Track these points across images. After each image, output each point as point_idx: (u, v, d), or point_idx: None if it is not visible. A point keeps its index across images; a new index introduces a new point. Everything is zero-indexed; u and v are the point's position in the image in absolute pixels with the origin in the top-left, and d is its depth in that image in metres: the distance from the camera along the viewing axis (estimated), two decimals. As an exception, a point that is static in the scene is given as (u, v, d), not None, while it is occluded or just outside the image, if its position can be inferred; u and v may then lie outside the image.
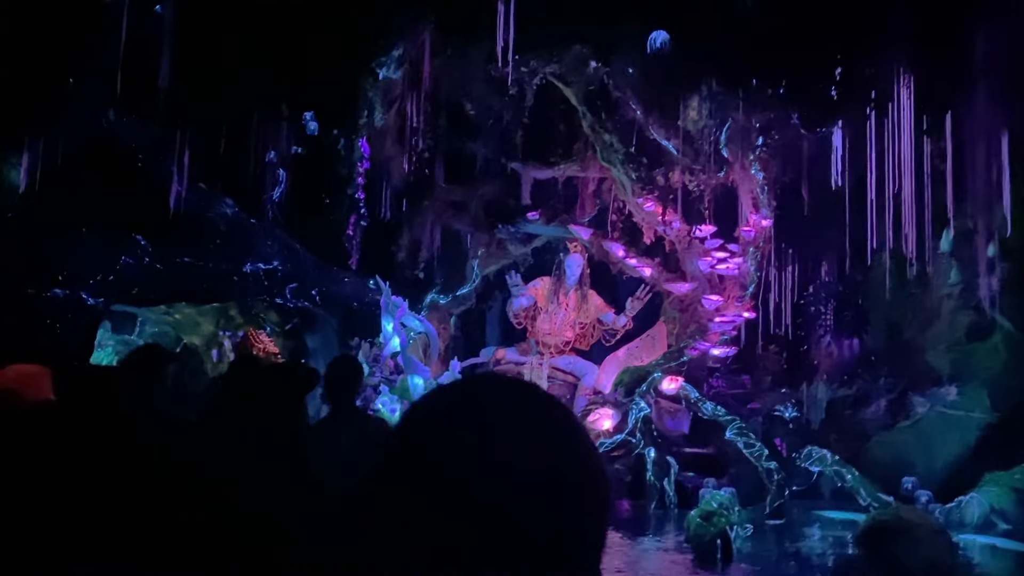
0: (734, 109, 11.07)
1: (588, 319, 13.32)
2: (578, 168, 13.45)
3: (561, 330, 13.20)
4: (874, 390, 12.66)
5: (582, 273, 13.37)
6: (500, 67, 11.18)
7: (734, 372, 12.61)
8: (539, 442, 0.90)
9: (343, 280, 14.16)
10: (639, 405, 10.89)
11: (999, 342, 11.47)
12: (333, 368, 5.02)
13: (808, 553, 8.95)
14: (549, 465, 0.89)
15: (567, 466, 0.90)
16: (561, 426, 0.94)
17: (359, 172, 13.06)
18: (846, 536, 9.79)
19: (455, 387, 0.98)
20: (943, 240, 12.14)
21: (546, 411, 0.94)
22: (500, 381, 0.98)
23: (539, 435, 0.91)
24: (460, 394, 0.97)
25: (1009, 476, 9.81)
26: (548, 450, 0.90)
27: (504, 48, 9.70)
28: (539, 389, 0.99)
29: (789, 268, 14.36)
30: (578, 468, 0.91)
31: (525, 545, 0.86)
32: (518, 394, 0.96)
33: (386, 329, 12.78)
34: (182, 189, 11.84)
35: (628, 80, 11.17)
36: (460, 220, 14.02)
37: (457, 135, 13.28)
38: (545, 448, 0.90)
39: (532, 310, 13.41)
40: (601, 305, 13.47)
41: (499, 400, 0.94)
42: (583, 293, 13.32)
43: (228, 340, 14.82)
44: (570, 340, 13.20)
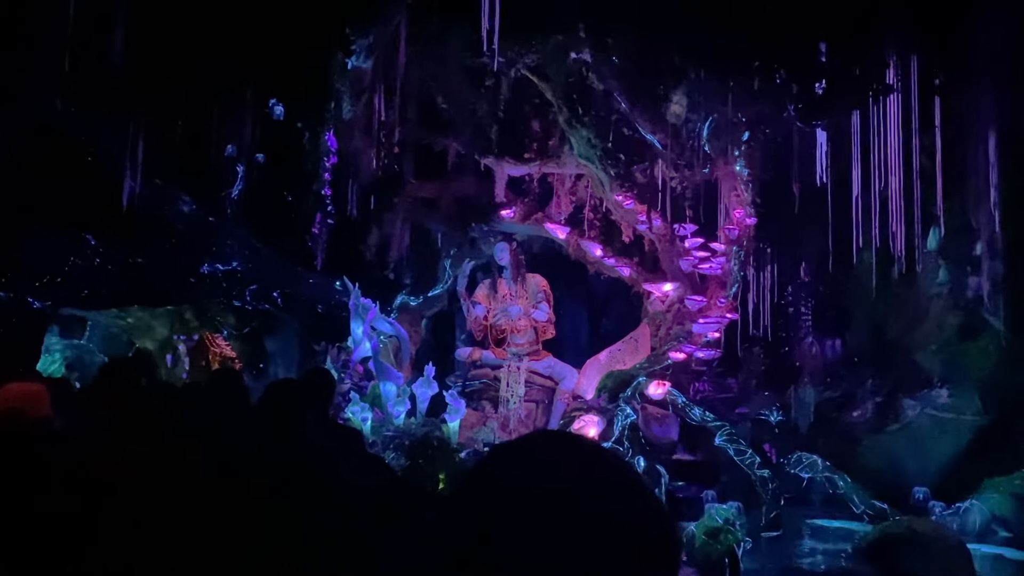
0: (722, 102, 10.63)
1: (535, 301, 12.84)
2: (554, 164, 12.94)
3: (516, 322, 12.71)
4: (860, 392, 12.36)
5: (513, 259, 12.84)
6: (478, 56, 10.62)
7: (720, 375, 12.23)
8: (609, 505, 0.90)
9: (307, 281, 13.63)
10: (625, 411, 10.42)
11: (989, 343, 11.22)
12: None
13: (813, 567, 8.54)
14: (620, 527, 0.89)
15: (638, 528, 0.90)
16: (630, 487, 0.94)
17: (325, 167, 12.45)
18: (847, 548, 9.43)
19: (521, 447, 1.00)
20: (930, 238, 11.88)
21: (616, 474, 0.95)
22: (570, 441, 1.00)
23: (610, 498, 0.91)
24: (529, 456, 0.96)
25: (1009, 482, 9.52)
26: (619, 513, 0.90)
27: (489, 32, 9.11)
28: (604, 450, 1.00)
29: (770, 267, 14.07)
30: (647, 530, 0.91)
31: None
32: (589, 456, 0.96)
33: (355, 333, 12.17)
34: (136, 185, 11.23)
35: (613, 70, 10.67)
36: (431, 218, 13.46)
37: (429, 129, 12.70)
38: (616, 511, 0.90)
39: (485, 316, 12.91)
40: (542, 283, 13.00)
41: (570, 462, 0.94)
42: (521, 277, 12.82)
43: (183, 344, 14.30)
44: (529, 327, 12.67)
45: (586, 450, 0.97)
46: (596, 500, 0.90)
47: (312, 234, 12.87)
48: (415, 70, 11.57)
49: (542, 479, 0.91)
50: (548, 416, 12.13)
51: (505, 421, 11.98)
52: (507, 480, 0.94)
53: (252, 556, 2.21)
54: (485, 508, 0.92)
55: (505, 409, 12.09)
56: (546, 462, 0.94)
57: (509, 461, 0.97)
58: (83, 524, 2.23)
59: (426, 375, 11.48)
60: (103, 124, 10.76)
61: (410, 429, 11.02)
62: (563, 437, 1.02)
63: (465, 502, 0.94)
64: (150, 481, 2.31)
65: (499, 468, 0.97)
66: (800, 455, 10.85)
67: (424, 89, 12.17)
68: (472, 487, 0.95)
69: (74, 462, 2.60)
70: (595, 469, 0.94)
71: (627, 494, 0.93)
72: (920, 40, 10.38)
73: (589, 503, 0.90)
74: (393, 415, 11.21)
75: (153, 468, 2.39)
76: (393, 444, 10.71)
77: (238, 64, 11.00)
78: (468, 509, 0.93)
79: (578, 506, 0.89)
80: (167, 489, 2.27)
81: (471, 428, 11.58)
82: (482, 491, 0.94)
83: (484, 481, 0.96)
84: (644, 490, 0.95)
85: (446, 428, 10.99)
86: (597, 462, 0.95)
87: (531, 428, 12.20)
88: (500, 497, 0.91)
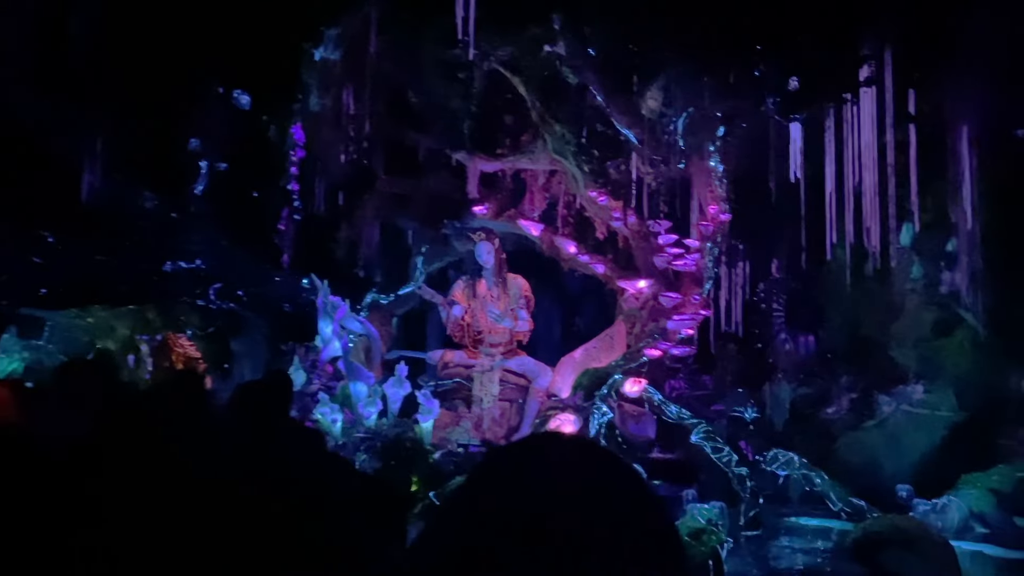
0: (698, 97, 10.51)
1: (515, 304, 12.63)
2: (528, 160, 12.74)
3: (494, 323, 12.49)
4: (834, 389, 12.33)
5: (496, 260, 12.61)
6: (451, 49, 10.40)
7: (695, 372, 12.12)
8: (609, 507, 0.89)
9: (274, 279, 13.37)
10: (601, 409, 10.26)
11: (964, 338, 11.23)
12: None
13: (793, 567, 8.43)
14: (618, 531, 0.87)
15: (637, 530, 0.89)
16: (629, 487, 0.92)
17: (292, 161, 12.17)
18: (826, 547, 9.34)
19: (518, 449, 0.98)
20: (904, 234, 11.86)
21: (613, 475, 0.93)
22: (564, 442, 0.98)
23: (609, 501, 0.89)
24: (524, 458, 0.94)
25: (987, 478, 9.49)
26: (617, 515, 0.88)
27: (464, 20, 8.88)
28: (602, 450, 0.98)
29: (743, 264, 14.03)
30: (647, 532, 0.89)
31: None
32: (583, 456, 0.95)
33: (324, 332, 11.89)
34: (96, 180, 10.91)
35: (589, 62, 10.49)
36: (402, 214, 13.21)
37: (400, 123, 12.45)
38: (614, 513, 0.88)
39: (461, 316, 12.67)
40: (524, 286, 12.79)
41: (566, 463, 0.92)
42: (502, 278, 12.60)
43: (145, 345, 13.96)
44: (507, 329, 12.46)
45: (591, 453, 0.95)
46: (601, 505, 0.89)
47: (279, 231, 12.61)
48: (386, 62, 11.31)
49: (546, 482, 0.90)
50: (522, 415, 11.93)
51: (479, 421, 11.76)
52: (510, 483, 0.92)
53: (246, 562, 2.18)
54: (487, 512, 0.90)
55: (479, 409, 11.87)
56: (549, 465, 0.92)
57: (512, 463, 0.95)
58: (74, 535, 2.14)
59: (398, 375, 11.23)
60: (61, 117, 10.41)
61: (382, 430, 10.77)
62: (564, 440, 0.99)
63: (467, 506, 0.92)
64: (146, 488, 2.23)
65: (502, 471, 0.94)
66: (776, 452, 10.75)
67: (395, 82, 11.92)
68: (474, 490, 0.94)
69: (59, 471, 2.44)
70: (600, 472, 0.92)
71: (633, 501, 0.92)
72: (898, 34, 10.32)
73: (593, 508, 0.88)
74: (364, 416, 10.94)
75: (148, 474, 2.29)
76: (364, 446, 10.45)
77: (202, 54, 10.70)
78: (470, 513, 0.91)
79: (583, 511, 0.87)
80: (165, 496, 2.19)
81: (444, 428, 11.35)
82: (483, 495, 0.92)
83: (485, 485, 0.94)
84: (651, 496, 0.93)
85: (419, 429, 10.74)
86: (601, 465, 0.94)
87: (505, 428, 12.01)
88: (502, 500, 0.90)
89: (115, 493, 2.23)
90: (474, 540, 0.88)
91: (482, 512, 0.90)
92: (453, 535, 0.91)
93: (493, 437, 11.64)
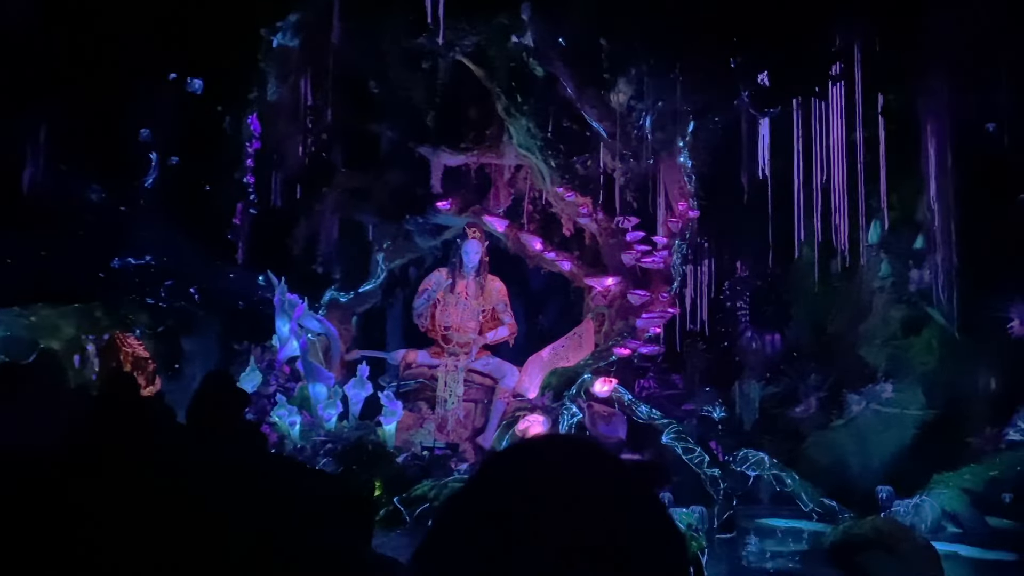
0: (670, 91, 10.28)
1: (489, 305, 12.35)
2: (493, 154, 12.43)
3: (464, 321, 12.17)
4: (802, 387, 12.22)
5: (480, 260, 12.35)
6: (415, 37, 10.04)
7: (664, 372, 11.91)
8: (610, 510, 0.88)
9: (228, 276, 12.91)
10: (570, 410, 9.98)
11: (932, 337, 11.18)
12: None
13: (769, 570, 8.22)
14: (621, 532, 0.87)
15: (639, 531, 0.88)
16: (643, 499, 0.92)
17: (248, 153, 11.74)
18: (798, 549, 9.18)
19: (519, 453, 0.98)
20: (872, 232, 11.80)
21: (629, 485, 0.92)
22: (565, 445, 0.99)
23: (610, 502, 0.89)
24: (526, 462, 0.94)
25: (959, 477, 9.41)
26: (619, 516, 0.88)
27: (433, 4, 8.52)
28: (602, 451, 0.98)
29: (708, 261, 13.87)
30: (649, 532, 0.89)
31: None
32: (583, 459, 0.94)
33: (281, 331, 11.45)
34: (38, 171, 10.40)
35: (560, 53, 10.20)
36: (363, 209, 12.80)
37: (360, 114, 12.05)
38: (616, 515, 0.88)
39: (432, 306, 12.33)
40: (502, 289, 12.52)
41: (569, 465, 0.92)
42: (481, 279, 12.33)
43: (92, 344, 13.40)
44: (476, 330, 12.17)
45: (594, 456, 0.94)
46: (603, 507, 0.88)
47: (233, 225, 12.22)
48: (347, 51, 10.90)
49: (550, 486, 0.89)
50: (488, 416, 11.61)
51: (443, 422, 11.42)
52: (511, 488, 0.91)
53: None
54: (490, 518, 0.89)
55: (443, 410, 11.52)
56: (552, 469, 0.92)
57: (514, 467, 0.94)
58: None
59: (359, 375, 10.84)
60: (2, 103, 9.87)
61: (342, 433, 10.36)
62: (565, 443, 1.00)
63: (469, 511, 0.91)
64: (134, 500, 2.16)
65: (502, 475, 0.94)
66: (746, 452, 10.60)
67: (356, 72, 11.51)
68: (476, 495, 0.93)
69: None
70: (601, 474, 0.91)
71: (639, 507, 0.90)
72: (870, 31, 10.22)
73: (595, 510, 0.88)
74: (324, 418, 10.54)
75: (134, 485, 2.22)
76: (324, 449, 10.04)
77: (153, 39, 10.22)
78: (473, 519, 0.90)
79: (585, 515, 0.87)
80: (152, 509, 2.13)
81: (407, 430, 10.99)
82: (485, 500, 0.92)
83: (488, 489, 0.93)
84: (653, 499, 0.93)
85: (381, 431, 10.36)
86: (605, 468, 0.93)
87: (470, 429, 11.69)
88: (505, 505, 0.89)
89: (83, 508, 2.14)
90: (478, 545, 0.87)
91: (485, 518, 0.89)
92: (456, 541, 0.90)
93: (457, 439, 11.31)
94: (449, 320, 12.18)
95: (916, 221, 11.59)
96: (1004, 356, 10.81)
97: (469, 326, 12.15)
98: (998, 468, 9.38)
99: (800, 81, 10.03)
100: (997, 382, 10.84)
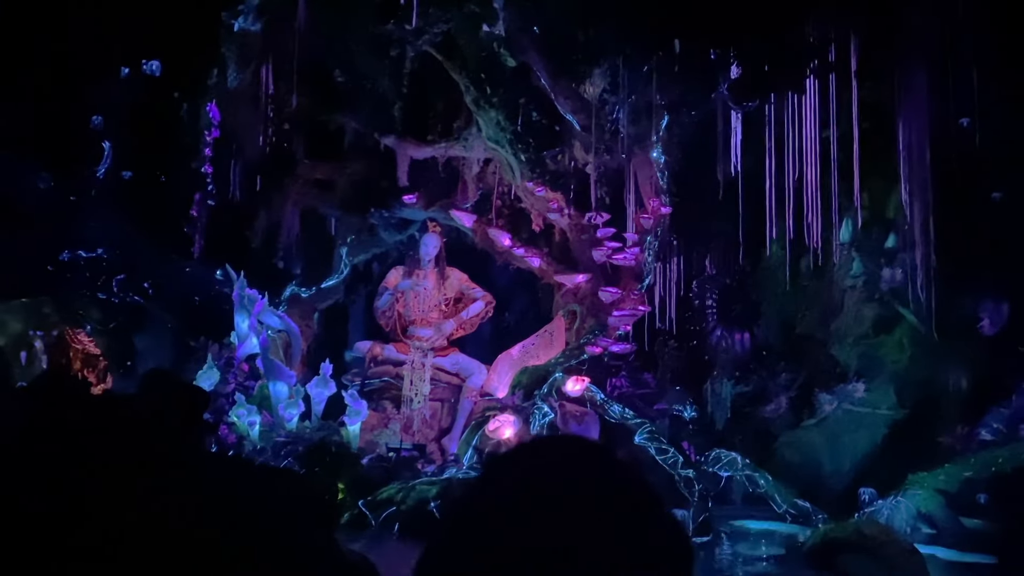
0: (645, 83, 10.06)
1: (451, 294, 12.13)
2: (461, 147, 12.10)
3: (426, 312, 11.90)
4: (772, 386, 12.09)
5: (439, 254, 12.12)
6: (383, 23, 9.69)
7: (636, 370, 11.70)
8: (628, 519, 0.88)
9: (184, 270, 12.51)
10: (542, 409, 9.71)
11: (904, 336, 11.11)
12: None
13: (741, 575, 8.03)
14: (640, 542, 0.86)
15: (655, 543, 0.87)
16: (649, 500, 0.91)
17: (206, 142, 11.32)
18: (774, 552, 9.00)
19: (522, 455, 0.97)
20: (843, 230, 11.69)
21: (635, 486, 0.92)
22: (569, 445, 0.98)
23: (629, 511, 0.89)
24: (530, 463, 0.93)
25: (933, 478, 9.31)
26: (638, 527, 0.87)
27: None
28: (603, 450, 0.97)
29: (677, 259, 13.72)
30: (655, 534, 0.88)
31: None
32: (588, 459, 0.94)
33: (240, 327, 11.04)
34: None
35: (533, 41, 9.91)
36: (326, 202, 12.42)
37: (324, 103, 11.67)
38: (637, 525, 0.87)
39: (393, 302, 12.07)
40: (464, 279, 12.29)
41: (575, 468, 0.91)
42: (440, 270, 12.09)
43: (40, 341, 12.94)
44: (438, 322, 11.91)
45: (601, 457, 0.93)
46: (613, 511, 0.87)
47: (190, 217, 11.81)
48: (311, 36, 10.51)
49: (553, 486, 0.88)
50: (454, 416, 11.29)
51: (408, 422, 11.08)
52: (515, 489, 0.90)
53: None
54: (494, 520, 0.88)
55: (408, 409, 11.18)
56: (563, 470, 0.91)
57: (517, 469, 0.93)
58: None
59: (322, 373, 10.48)
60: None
61: (304, 434, 10.00)
62: (569, 443, 0.99)
63: (473, 514, 0.90)
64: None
65: (505, 477, 0.93)
66: (719, 452, 10.43)
67: (320, 59, 11.13)
68: (480, 497, 0.92)
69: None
70: (605, 475, 0.90)
71: (646, 507, 0.90)
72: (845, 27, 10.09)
73: (605, 514, 0.87)
74: (285, 418, 10.16)
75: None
76: (285, 451, 9.67)
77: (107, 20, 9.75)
78: (476, 522, 0.89)
79: (594, 517, 0.86)
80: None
81: (372, 431, 10.64)
82: (489, 502, 0.91)
83: (491, 491, 0.92)
84: (657, 498, 0.92)
85: (345, 432, 10.00)
86: (610, 470, 0.92)
87: (436, 430, 11.36)
88: (508, 506, 0.88)
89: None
90: (482, 547, 0.86)
91: (493, 519, 0.88)
92: (459, 544, 0.89)
93: (424, 439, 10.98)
94: (411, 313, 11.91)
95: (888, 219, 11.51)
96: (975, 355, 10.78)
97: (432, 317, 11.90)
98: (973, 468, 9.30)
99: (778, 74, 9.85)
100: (968, 381, 10.81)
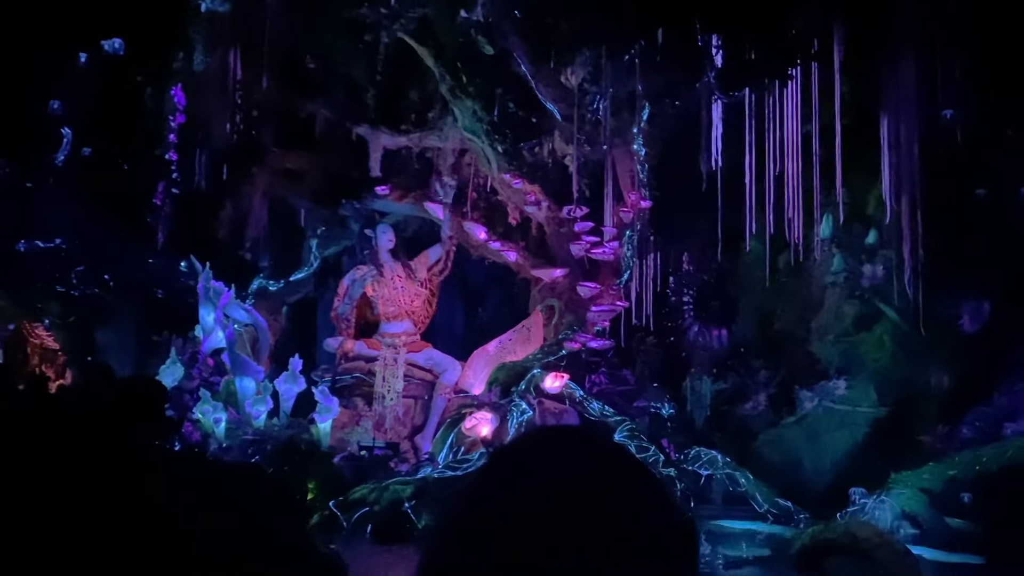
0: (628, 73, 9.82)
1: (423, 275, 11.88)
2: (436, 138, 11.80)
3: (410, 302, 11.67)
4: (751, 384, 11.92)
5: (395, 245, 11.87)
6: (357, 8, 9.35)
7: (615, 367, 11.47)
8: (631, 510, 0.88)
9: (147, 261, 12.10)
10: (520, 407, 9.46)
11: (885, 333, 10.99)
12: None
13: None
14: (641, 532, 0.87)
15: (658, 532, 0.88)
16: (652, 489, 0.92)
17: (171, 128, 10.93)
18: (756, 553, 8.80)
19: (522, 446, 0.98)
20: (824, 226, 11.55)
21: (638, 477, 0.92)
22: (569, 436, 0.98)
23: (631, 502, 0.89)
24: (531, 456, 0.93)
25: (917, 477, 9.17)
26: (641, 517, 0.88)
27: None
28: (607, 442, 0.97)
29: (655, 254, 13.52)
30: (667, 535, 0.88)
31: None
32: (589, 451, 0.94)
33: (206, 321, 10.68)
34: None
35: (515, 27, 9.62)
36: (295, 192, 12.08)
37: (295, 90, 11.32)
38: (638, 516, 0.88)
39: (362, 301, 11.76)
40: (425, 253, 12.11)
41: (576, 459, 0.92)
42: (403, 260, 11.86)
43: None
44: (423, 307, 11.66)
45: (601, 448, 0.93)
46: (615, 503, 0.86)
47: (153, 207, 11.44)
48: (282, 19, 10.16)
49: (556, 480, 0.87)
50: (427, 413, 10.99)
51: (380, 420, 10.76)
52: (517, 483, 0.89)
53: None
54: (496, 517, 0.87)
55: (380, 406, 10.86)
56: (560, 461, 0.90)
57: (517, 462, 0.92)
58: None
59: (291, 369, 10.15)
60: None
61: (272, 431, 9.67)
62: (568, 435, 0.97)
63: (474, 510, 0.89)
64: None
65: (507, 471, 0.91)
66: (699, 451, 10.25)
67: (291, 43, 10.78)
68: (481, 492, 0.91)
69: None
70: (612, 469, 0.90)
71: (649, 497, 0.89)
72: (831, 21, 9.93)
73: (607, 506, 0.86)
74: (252, 415, 9.82)
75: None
76: (252, 449, 9.31)
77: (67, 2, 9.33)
78: (478, 519, 0.88)
79: (596, 508, 0.86)
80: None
81: (343, 429, 10.31)
82: (489, 497, 0.89)
83: (492, 486, 0.90)
84: (665, 490, 0.92)
85: (315, 430, 9.67)
86: (613, 461, 0.91)
87: (409, 427, 11.06)
88: (510, 503, 0.87)
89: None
90: (492, 540, 0.85)
91: (498, 511, 0.87)
92: (461, 544, 0.88)
93: (396, 437, 10.67)
94: (394, 307, 11.60)
95: (869, 216, 11.39)
96: (955, 353, 10.69)
97: (416, 305, 11.64)
98: (957, 468, 9.18)
99: (763, 64, 9.66)
100: (949, 379, 10.71)
